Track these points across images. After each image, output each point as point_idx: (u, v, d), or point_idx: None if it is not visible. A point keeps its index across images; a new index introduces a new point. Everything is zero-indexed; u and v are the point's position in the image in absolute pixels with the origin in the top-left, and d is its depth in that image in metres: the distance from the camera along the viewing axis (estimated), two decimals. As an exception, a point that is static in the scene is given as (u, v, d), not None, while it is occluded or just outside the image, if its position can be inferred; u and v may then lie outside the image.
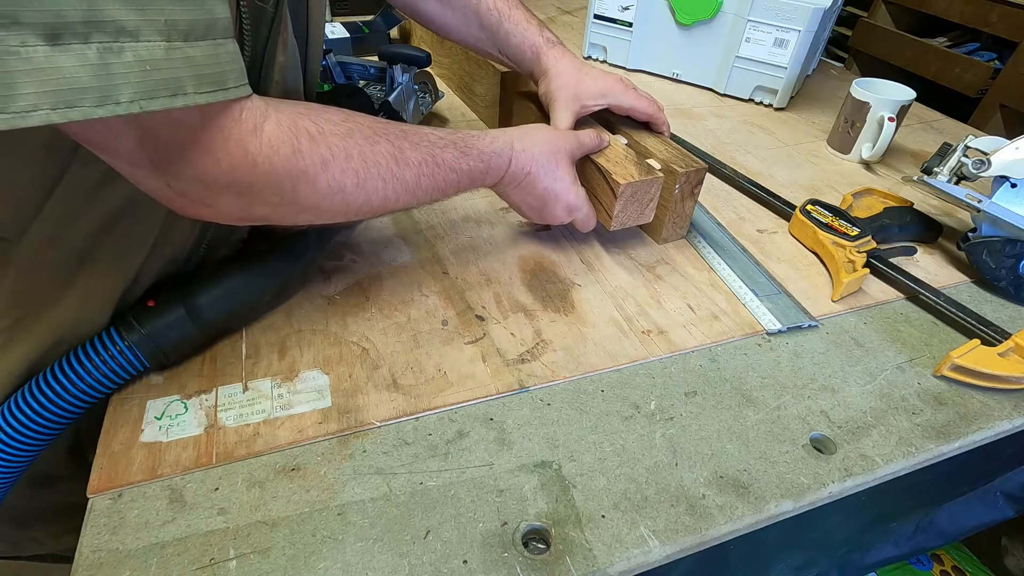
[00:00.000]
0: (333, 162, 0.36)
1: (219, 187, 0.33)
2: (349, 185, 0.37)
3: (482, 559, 0.33)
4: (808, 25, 0.80)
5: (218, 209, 0.34)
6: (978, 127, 1.04)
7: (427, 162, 0.42)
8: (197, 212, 0.34)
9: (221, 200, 0.34)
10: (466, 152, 0.45)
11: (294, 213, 0.37)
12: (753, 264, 0.57)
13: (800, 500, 0.38)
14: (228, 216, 0.36)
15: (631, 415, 0.42)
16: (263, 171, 0.33)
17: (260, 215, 0.36)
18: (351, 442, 0.39)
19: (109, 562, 0.32)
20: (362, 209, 0.39)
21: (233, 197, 0.34)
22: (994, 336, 0.48)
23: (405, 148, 0.40)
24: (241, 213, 0.36)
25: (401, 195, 0.40)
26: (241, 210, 0.35)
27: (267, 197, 0.34)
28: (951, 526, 0.59)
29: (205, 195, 0.33)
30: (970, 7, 1.45)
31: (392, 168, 0.39)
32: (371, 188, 0.38)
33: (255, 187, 0.33)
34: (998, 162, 0.54)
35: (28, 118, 0.23)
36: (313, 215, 0.38)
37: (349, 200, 0.38)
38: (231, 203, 0.34)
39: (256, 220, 0.38)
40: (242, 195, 0.34)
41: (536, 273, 0.54)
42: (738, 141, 0.79)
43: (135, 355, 0.38)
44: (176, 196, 0.33)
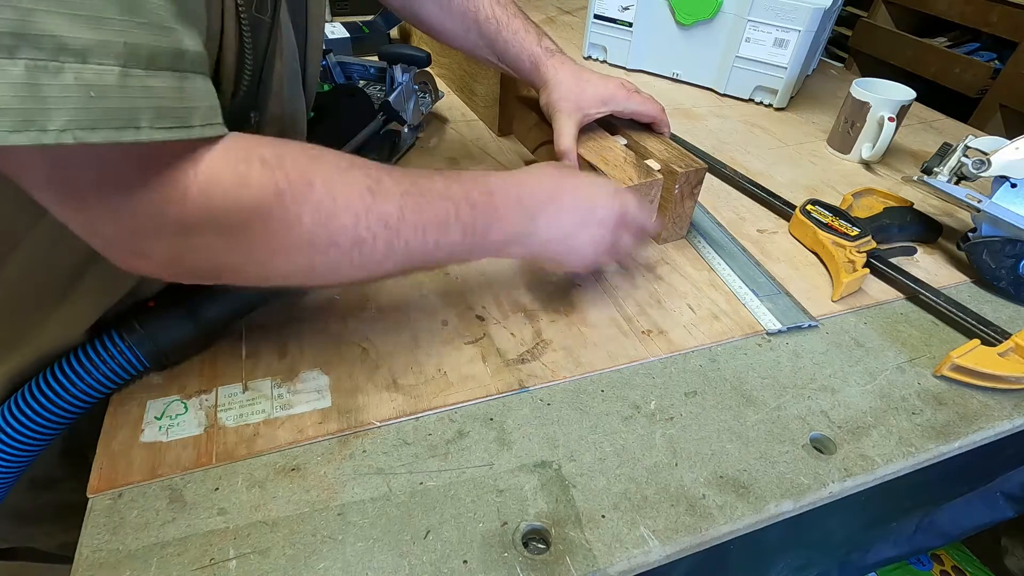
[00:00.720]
0: (289, 192, 0.30)
1: (147, 230, 0.28)
2: (308, 222, 0.30)
3: (482, 559, 0.33)
4: (808, 25, 0.80)
5: (153, 259, 0.30)
6: (978, 127, 1.04)
7: (410, 192, 0.35)
8: (131, 264, 0.30)
9: (155, 248, 0.29)
10: (460, 179, 0.38)
11: (249, 265, 0.31)
12: (753, 264, 0.57)
13: (800, 500, 0.38)
14: (167, 267, 0.30)
15: (631, 415, 0.42)
16: (197, 206, 0.28)
17: (205, 266, 0.31)
18: (351, 442, 0.39)
19: (109, 562, 0.32)
20: (330, 257, 0.32)
21: (167, 242, 0.29)
22: (994, 336, 0.48)
23: (383, 178, 0.34)
24: (181, 264, 0.30)
25: (380, 236, 0.33)
26: (179, 259, 0.30)
27: (210, 241, 0.29)
28: (951, 526, 0.59)
29: (133, 241, 0.29)
30: (970, 7, 1.45)
31: (367, 200, 0.32)
32: (337, 226, 0.31)
33: (190, 227, 0.28)
34: (998, 162, 0.54)
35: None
36: (273, 268, 0.32)
37: (314, 240, 0.31)
38: (165, 250, 0.29)
39: (204, 274, 0.32)
40: (177, 239, 0.29)
41: (536, 273, 0.54)
42: (738, 141, 0.79)
43: (135, 355, 0.38)
44: (103, 243, 0.29)
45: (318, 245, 0.31)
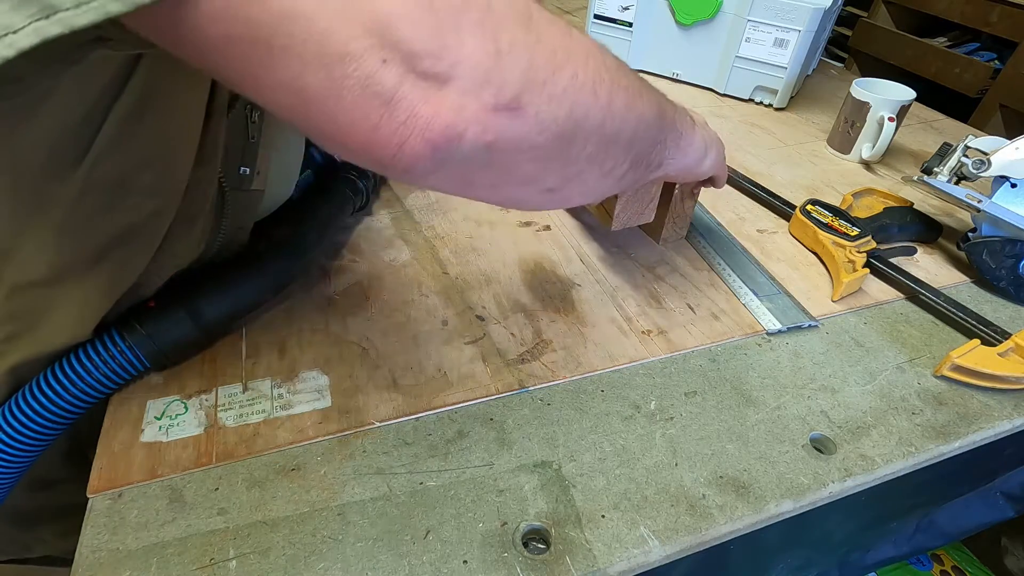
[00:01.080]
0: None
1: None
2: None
3: (482, 559, 0.33)
4: (808, 25, 0.80)
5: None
6: (978, 127, 1.04)
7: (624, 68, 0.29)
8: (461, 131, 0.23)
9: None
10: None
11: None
12: (753, 264, 0.57)
13: (800, 500, 0.38)
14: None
15: (631, 415, 0.42)
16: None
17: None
18: (351, 442, 0.39)
19: (109, 562, 0.32)
20: (605, 110, 0.27)
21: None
22: (994, 336, 0.48)
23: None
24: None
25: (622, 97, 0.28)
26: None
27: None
28: (951, 526, 0.59)
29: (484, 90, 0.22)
30: (970, 7, 1.45)
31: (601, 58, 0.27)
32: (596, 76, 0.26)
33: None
34: (998, 162, 0.54)
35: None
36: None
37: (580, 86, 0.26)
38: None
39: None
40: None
41: (536, 273, 0.54)
42: (738, 141, 0.79)
43: (136, 355, 0.38)
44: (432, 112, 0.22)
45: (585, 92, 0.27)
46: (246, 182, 0.43)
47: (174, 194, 0.37)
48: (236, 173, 0.42)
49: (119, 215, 0.35)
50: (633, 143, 0.31)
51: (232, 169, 0.42)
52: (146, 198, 0.36)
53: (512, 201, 0.29)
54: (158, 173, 0.35)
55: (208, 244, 0.43)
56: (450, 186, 0.26)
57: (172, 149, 0.35)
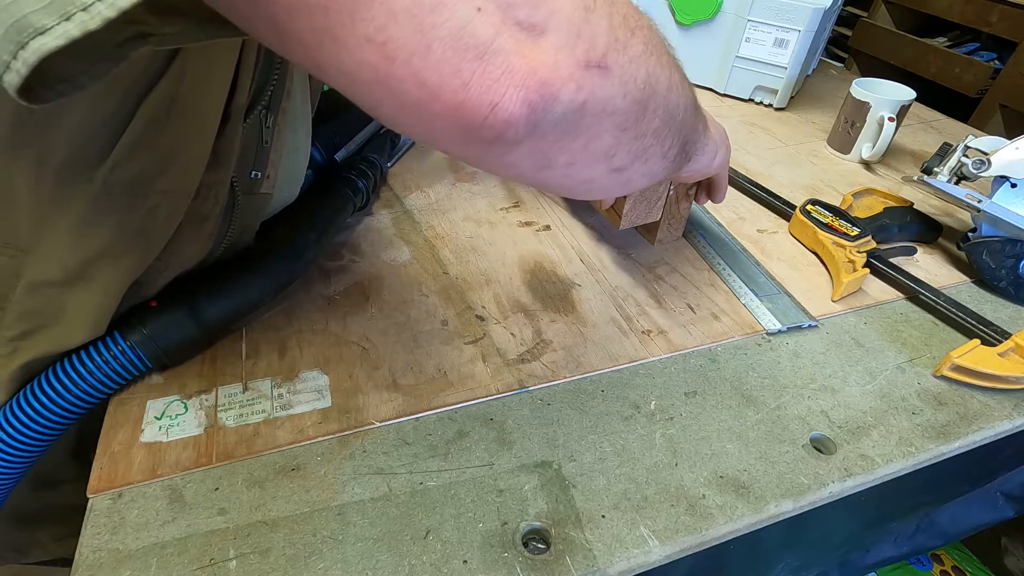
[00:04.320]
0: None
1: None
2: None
3: (482, 559, 0.33)
4: (808, 25, 0.80)
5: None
6: (978, 127, 1.04)
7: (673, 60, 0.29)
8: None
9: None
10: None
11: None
12: (753, 264, 0.57)
13: (800, 500, 0.38)
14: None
15: (631, 415, 0.42)
16: None
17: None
18: (351, 442, 0.39)
19: (109, 562, 0.32)
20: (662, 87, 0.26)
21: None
22: (994, 336, 0.48)
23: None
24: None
25: (676, 87, 0.28)
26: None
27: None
28: (951, 526, 0.59)
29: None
30: (970, 7, 1.45)
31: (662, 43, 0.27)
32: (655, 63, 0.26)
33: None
34: (998, 162, 0.54)
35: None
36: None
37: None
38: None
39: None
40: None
41: (536, 273, 0.54)
42: (738, 141, 0.79)
43: (137, 356, 0.38)
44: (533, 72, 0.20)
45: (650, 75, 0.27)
46: (256, 185, 0.44)
47: (187, 195, 0.37)
48: (248, 177, 0.42)
49: (135, 215, 0.35)
50: (684, 124, 0.31)
51: (244, 173, 0.42)
52: (162, 199, 0.36)
53: (583, 183, 0.28)
54: (175, 175, 0.36)
55: (215, 245, 0.43)
56: (530, 163, 0.24)
57: (189, 152, 0.36)
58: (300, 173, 0.52)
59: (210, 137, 0.36)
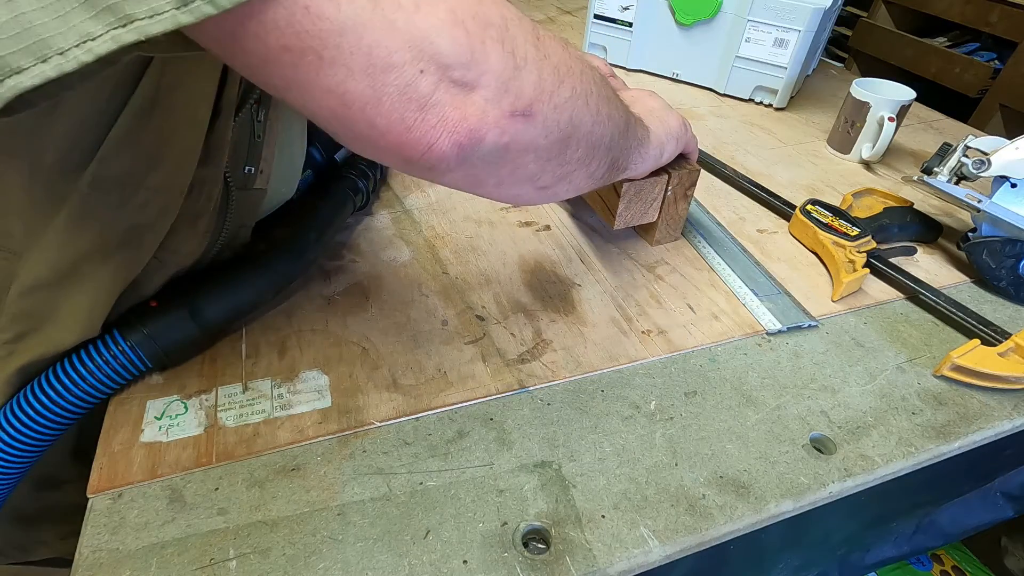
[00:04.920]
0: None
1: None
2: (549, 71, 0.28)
3: (482, 559, 0.33)
4: (808, 25, 0.80)
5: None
6: (978, 127, 1.04)
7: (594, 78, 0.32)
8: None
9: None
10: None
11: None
12: (753, 264, 0.57)
13: (800, 500, 0.38)
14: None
15: (631, 415, 0.42)
16: None
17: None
18: (351, 442, 0.39)
19: (109, 562, 0.32)
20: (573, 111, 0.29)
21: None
22: (994, 336, 0.48)
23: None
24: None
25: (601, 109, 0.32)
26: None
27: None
28: (951, 526, 0.59)
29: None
30: (970, 7, 1.45)
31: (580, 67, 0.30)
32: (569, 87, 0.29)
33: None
34: (998, 162, 0.54)
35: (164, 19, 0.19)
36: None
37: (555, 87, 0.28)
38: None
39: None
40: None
41: (536, 273, 0.54)
42: (738, 141, 0.79)
43: (137, 356, 0.38)
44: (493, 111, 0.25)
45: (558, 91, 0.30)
46: (250, 181, 0.43)
47: (179, 192, 0.37)
48: (241, 172, 0.42)
49: (127, 213, 0.35)
50: (611, 148, 0.36)
51: (238, 168, 0.42)
52: (152, 196, 0.36)
53: (511, 197, 0.33)
54: (165, 171, 0.36)
55: (211, 242, 0.43)
56: (462, 183, 0.29)
57: (179, 147, 0.36)
58: (296, 168, 0.52)
59: (200, 132, 0.36)
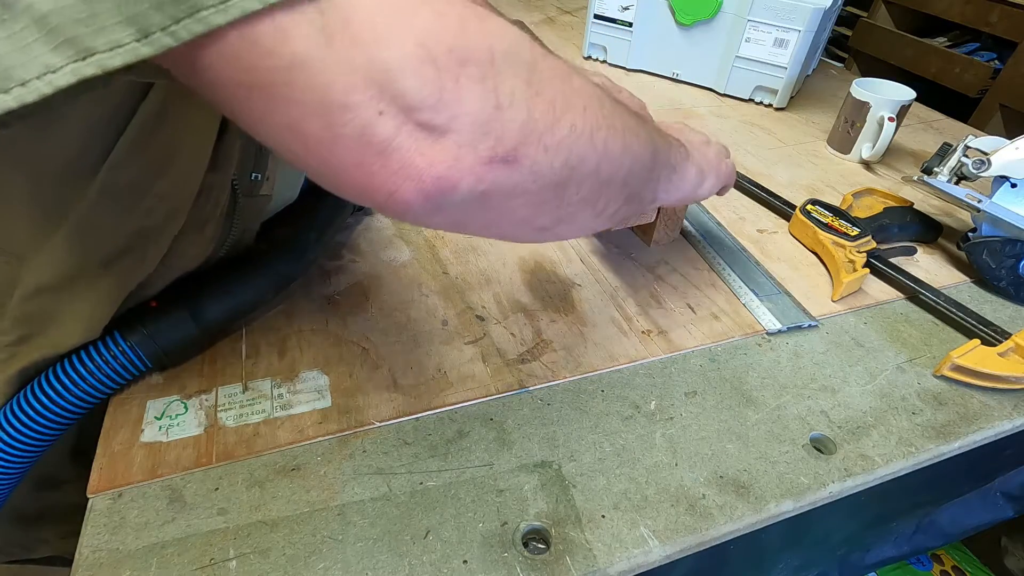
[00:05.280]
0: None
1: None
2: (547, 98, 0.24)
3: (482, 559, 0.33)
4: (808, 25, 0.80)
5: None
6: (978, 127, 1.04)
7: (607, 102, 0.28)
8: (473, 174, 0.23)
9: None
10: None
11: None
12: (753, 264, 0.57)
13: (800, 500, 0.38)
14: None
15: (631, 415, 0.42)
16: None
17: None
18: (351, 442, 0.39)
19: (109, 562, 0.32)
20: (581, 142, 0.26)
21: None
22: (994, 336, 0.48)
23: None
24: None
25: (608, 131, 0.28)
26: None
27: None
28: (951, 526, 0.59)
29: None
30: (970, 7, 1.45)
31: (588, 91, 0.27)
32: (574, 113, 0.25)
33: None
34: (998, 162, 0.54)
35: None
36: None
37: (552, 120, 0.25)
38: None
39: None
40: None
41: (536, 273, 0.54)
42: (738, 141, 0.79)
43: (137, 355, 0.38)
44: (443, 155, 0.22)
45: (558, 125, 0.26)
46: (257, 187, 0.44)
47: (186, 199, 0.37)
48: (248, 179, 0.43)
49: (133, 219, 0.35)
50: (627, 183, 0.31)
51: (245, 175, 0.42)
52: (159, 202, 0.36)
53: (505, 238, 0.30)
54: (172, 179, 0.36)
55: (216, 247, 0.43)
56: (443, 226, 0.26)
57: (188, 155, 0.36)
58: (299, 174, 0.52)
59: (209, 140, 0.36)
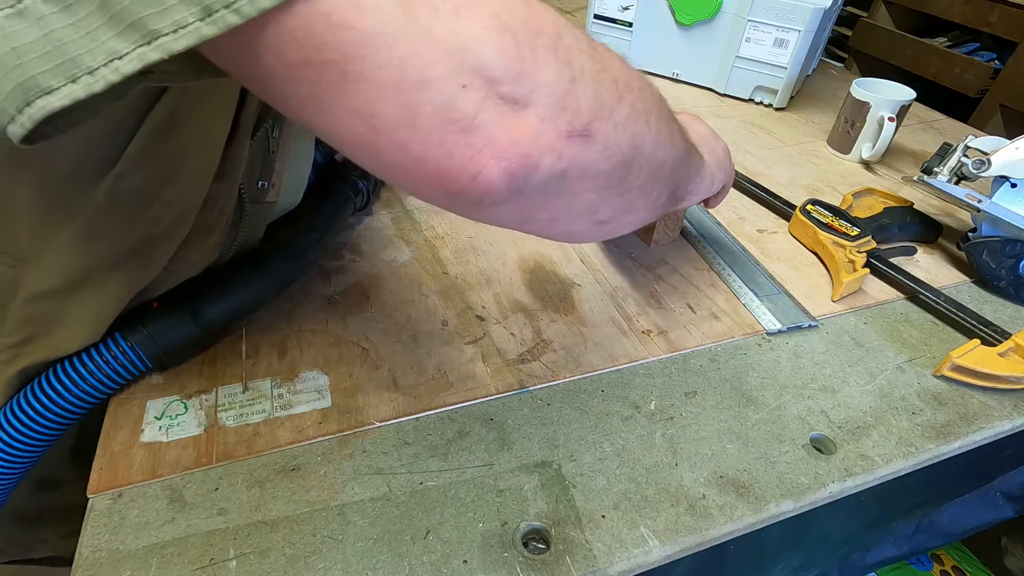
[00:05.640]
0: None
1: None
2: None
3: (482, 559, 0.33)
4: (808, 25, 0.80)
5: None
6: (978, 127, 1.04)
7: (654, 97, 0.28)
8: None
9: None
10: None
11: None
12: (753, 264, 0.57)
13: (800, 500, 0.38)
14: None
15: (631, 415, 0.42)
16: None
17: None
18: (351, 442, 0.39)
19: (109, 562, 0.32)
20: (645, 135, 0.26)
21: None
22: (994, 336, 0.48)
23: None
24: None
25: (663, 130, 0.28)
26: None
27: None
28: (951, 526, 0.59)
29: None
30: (970, 7, 1.45)
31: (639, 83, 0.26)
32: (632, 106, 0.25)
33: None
34: (998, 162, 0.54)
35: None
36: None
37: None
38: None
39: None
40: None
41: (536, 273, 0.54)
42: (738, 141, 0.79)
43: (137, 356, 0.38)
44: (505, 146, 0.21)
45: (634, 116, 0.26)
46: (263, 195, 0.44)
47: (193, 206, 0.37)
48: (255, 187, 0.43)
49: (139, 225, 0.35)
50: (672, 174, 0.31)
51: (252, 183, 0.42)
52: (166, 210, 0.36)
53: (565, 234, 0.29)
54: (180, 186, 0.36)
55: (222, 253, 0.43)
56: (510, 220, 0.26)
57: (196, 164, 0.36)
58: (303, 179, 0.52)
59: (217, 149, 0.36)
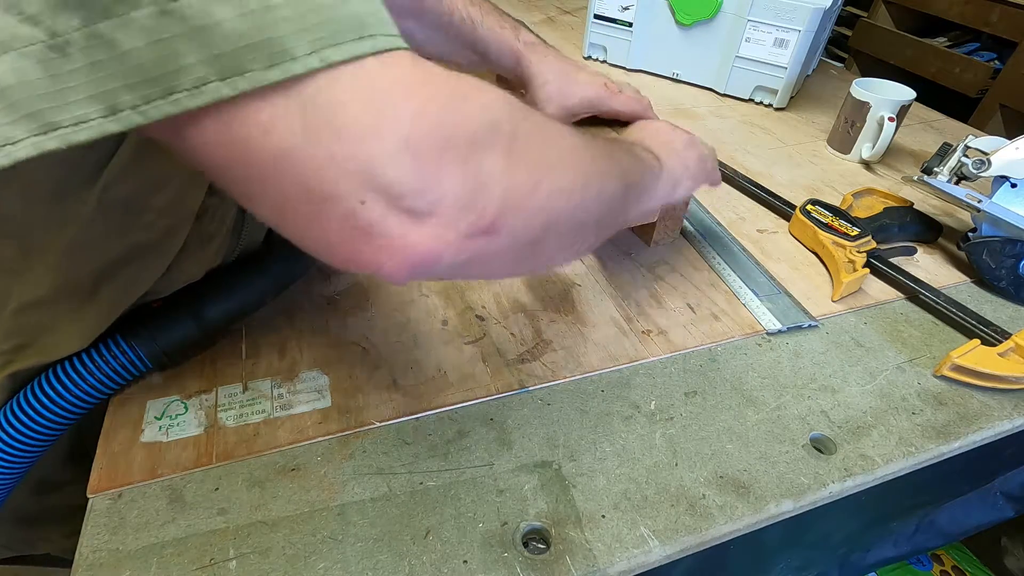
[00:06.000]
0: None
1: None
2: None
3: (482, 559, 0.33)
4: (808, 25, 0.80)
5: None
6: (978, 127, 1.04)
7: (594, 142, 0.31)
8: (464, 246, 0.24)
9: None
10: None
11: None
12: (753, 264, 0.57)
13: (800, 500, 0.38)
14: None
15: (631, 415, 0.42)
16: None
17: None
18: (351, 442, 0.39)
19: (109, 562, 0.32)
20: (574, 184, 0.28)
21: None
22: (994, 336, 0.48)
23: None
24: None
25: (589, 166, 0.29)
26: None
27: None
28: (951, 526, 0.59)
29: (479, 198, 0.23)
30: (970, 7, 1.45)
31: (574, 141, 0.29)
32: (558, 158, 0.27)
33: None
34: (998, 162, 0.54)
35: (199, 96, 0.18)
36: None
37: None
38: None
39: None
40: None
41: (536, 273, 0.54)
42: (738, 141, 0.79)
43: (137, 356, 0.38)
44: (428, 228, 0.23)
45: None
46: None
47: (187, 214, 0.37)
48: None
49: (130, 234, 0.35)
50: (600, 222, 0.33)
51: None
52: (158, 218, 0.36)
53: (492, 277, 0.34)
54: (170, 194, 0.35)
55: (225, 258, 0.43)
56: (427, 281, 0.29)
57: (185, 171, 0.35)
58: None
59: None
